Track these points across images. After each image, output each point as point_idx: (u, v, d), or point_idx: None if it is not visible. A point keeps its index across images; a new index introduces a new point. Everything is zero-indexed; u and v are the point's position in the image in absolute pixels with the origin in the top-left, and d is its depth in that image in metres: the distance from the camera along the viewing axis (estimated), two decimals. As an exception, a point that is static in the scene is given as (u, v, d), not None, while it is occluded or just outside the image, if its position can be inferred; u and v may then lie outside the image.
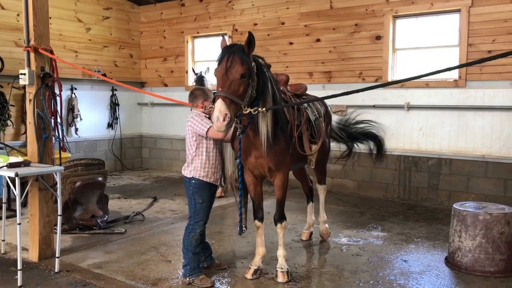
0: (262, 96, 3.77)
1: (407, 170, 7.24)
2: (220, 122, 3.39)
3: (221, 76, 3.54)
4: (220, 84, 3.54)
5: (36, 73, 4.46)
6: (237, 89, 3.52)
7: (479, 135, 6.65)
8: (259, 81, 3.74)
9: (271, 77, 3.94)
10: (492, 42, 6.46)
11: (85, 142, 9.38)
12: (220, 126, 3.41)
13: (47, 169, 4.29)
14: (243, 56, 3.56)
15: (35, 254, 4.56)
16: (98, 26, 9.68)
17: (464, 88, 6.72)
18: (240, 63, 3.52)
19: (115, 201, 7.14)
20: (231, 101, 3.46)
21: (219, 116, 3.38)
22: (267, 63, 3.95)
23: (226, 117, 3.39)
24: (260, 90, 3.75)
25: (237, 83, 3.51)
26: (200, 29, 9.52)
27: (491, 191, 6.55)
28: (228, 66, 3.51)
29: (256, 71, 3.72)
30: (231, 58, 3.53)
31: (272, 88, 3.88)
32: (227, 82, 3.50)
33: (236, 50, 3.57)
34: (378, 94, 7.38)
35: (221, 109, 3.39)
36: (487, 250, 4.27)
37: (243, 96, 3.56)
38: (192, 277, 3.96)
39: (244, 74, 3.52)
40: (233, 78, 3.50)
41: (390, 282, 4.13)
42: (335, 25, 7.78)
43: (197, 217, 4.01)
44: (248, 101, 3.62)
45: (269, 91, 3.82)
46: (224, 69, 3.52)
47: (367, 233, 5.59)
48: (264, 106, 3.73)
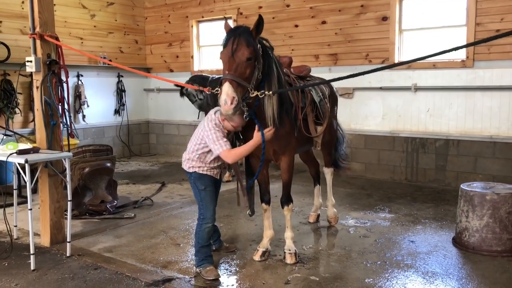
0: (268, 79, 3.75)
1: (414, 151, 7.23)
2: (228, 105, 3.38)
3: (227, 59, 3.51)
4: (226, 67, 3.51)
5: (42, 60, 4.47)
6: (244, 72, 3.50)
7: (487, 115, 6.60)
8: (264, 63, 3.72)
9: (276, 59, 3.92)
10: (500, 21, 6.37)
11: (93, 128, 9.44)
12: (228, 109, 3.40)
13: (56, 155, 4.33)
14: (249, 39, 3.52)
15: (46, 239, 4.64)
16: (103, 12, 9.65)
17: (471, 68, 6.65)
18: (246, 46, 3.49)
19: (123, 186, 7.21)
20: (238, 84, 3.44)
21: (227, 99, 3.37)
22: (271, 45, 3.93)
23: (233, 100, 3.38)
24: (265, 72, 3.73)
25: (244, 66, 3.49)
26: (204, 13, 9.46)
27: (499, 171, 6.53)
28: (234, 49, 3.48)
29: (262, 53, 3.70)
30: (237, 40, 3.49)
31: (277, 70, 3.86)
32: (233, 65, 3.47)
33: (242, 32, 3.54)
34: (385, 76, 7.33)
35: (229, 92, 3.38)
36: (494, 229, 4.28)
37: (249, 79, 3.54)
38: (200, 268, 3.92)
39: (250, 57, 3.50)
40: (239, 61, 3.48)
41: (398, 262, 4.17)
42: (341, 6, 7.70)
43: (204, 204, 3.94)
44: (254, 84, 3.61)
45: (274, 74, 3.80)
46: (230, 52, 3.49)
47: (374, 214, 5.62)
48: (270, 89, 3.72)
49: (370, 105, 7.51)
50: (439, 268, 4.03)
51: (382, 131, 7.50)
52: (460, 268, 4.07)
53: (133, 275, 3.90)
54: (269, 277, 3.87)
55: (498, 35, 2.77)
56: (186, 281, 3.82)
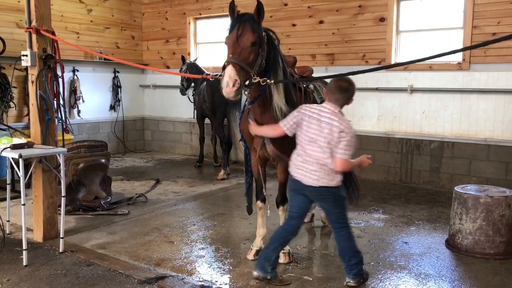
0: (274, 69, 3.78)
1: (409, 153, 7.25)
2: (230, 87, 3.40)
3: (232, 43, 3.56)
4: (230, 51, 3.56)
5: (38, 54, 4.45)
6: (248, 57, 3.53)
7: (482, 118, 6.63)
8: (269, 52, 3.75)
9: (281, 54, 3.94)
10: (497, 24, 6.39)
11: (88, 124, 9.40)
12: (230, 91, 3.42)
13: (51, 150, 4.31)
14: (254, 25, 3.58)
15: (39, 234, 4.62)
16: (100, 7, 9.60)
17: (468, 71, 6.67)
18: (251, 31, 3.54)
19: (118, 182, 7.18)
20: (241, 68, 3.47)
21: (229, 82, 3.39)
22: (278, 37, 3.95)
23: (236, 83, 3.40)
24: (271, 62, 3.76)
25: (248, 50, 3.53)
26: (202, 10, 9.43)
27: (493, 174, 6.56)
28: (239, 34, 3.53)
29: (267, 41, 3.73)
30: (242, 26, 3.55)
31: (283, 64, 3.89)
32: (237, 49, 3.52)
33: (247, 19, 3.59)
34: (381, 77, 7.34)
35: (231, 75, 3.40)
36: (487, 232, 4.30)
37: (252, 64, 3.57)
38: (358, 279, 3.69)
39: (254, 42, 3.54)
40: (243, 46, 3.52)
41: (391, 263, 4.18)
42: (339, 6, 7.70)
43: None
44: (257, 71, 3.63)
45: (280, 65, 3.83)
46: (235, 37, 3.54)
47: (369, 215, 5.63)
48: (275, 79, 3.74)
49: (366, 106, 7.52)
50: (432, 270, 4.04)
51: (377, 131, 7.51)
52: (453, 270, 4.09)
53: (126, 272, 3.89)
54: (262, 276, 3.86)
55: (496, 39, 2.78)
56: (179, 279, 3.81)
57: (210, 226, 5.18)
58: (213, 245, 4.60)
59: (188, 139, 9.92)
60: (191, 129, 9.75)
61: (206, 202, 6.24)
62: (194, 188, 6.99)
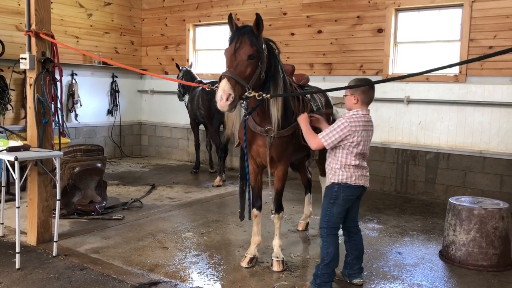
0: (274, 80, 3.79)
1: (404, 163, 7.27)
2: (223, 101, 3.42)
3: (230, 56, 3.59)
4: (228, 64, 3.59)
5: (37, 57, 4.46)
6: (244, 71, 3.54)
7: (478, 130, 6.67)
8: (270, 64, 3.76)
9: (281, 64, 3.96)
10: (493, 38, 6.45)
11: (85, 128, 9.40)
12: (223, 105, 3.44)
13: (47, 153, 4.31)
14: (253, 38, 3.58)
15: (33, 238, 4.61)
16: (100, 12, 9.64)
17: (464, 83, 6.72)
18: (250, 45, 3.55)
19: (113, 187, 7.17)
20: (236, 82, 3.49)
21: (222, 96, 3.42)
22: (278, 48, 3.96)
23: (229, 97, 3.42)
24: (271, 74, 3.77)
25: (245, 64, 3.54)
26: (202, 18, 9.49)
27: (487, 186, 6.59)
28: (237, 47, 3.55)
29: (268, 53, 3.74)
30: (240, 39, 3.56)
31: (283, 73, 3.91)
32: (234, 63, 3.54)
33: (247, 32, 3.60)
34: (378, 87, 7.24)
35: (225, 89, 3.42)
36: (481, 244, 4.31)
37: (249, 78, 3.58)
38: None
39: (252, 55, 3.55)
40: (240, 59, 3.54)
41: (384, 273, 4.18)
42: (337, 16, 7.76)
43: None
44: (255, 84, 3.63)
45: (281, 77, 3.84)
46: (232, 50, 3.57)
47: (363, 225, 5.63)
48: (275, 91, 3.76)
49: (362, 116, 7.53)
50: (425, 281, 4.05)
51: (373, 142, 7.40)
52: (446, 281, 4.10)
53: (119, 277, 3.88)
54: (255, 284, 3.87)
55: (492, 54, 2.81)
56: (172, 285, 3.80)
57: (204, 233, 5.18)
58: (207, 252, 4.59)
59: (185, 145, 9.93)
60: (188, 135, 9.76)
61: (201, 208, 6.23)
62: (189, 194, 6.99)
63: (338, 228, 3.72)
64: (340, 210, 3.66)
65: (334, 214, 3.65)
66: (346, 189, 3.62)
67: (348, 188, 3.62)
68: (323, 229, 3.69)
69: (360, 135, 3.56)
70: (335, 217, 3.66)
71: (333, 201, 3.65)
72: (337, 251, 3.69)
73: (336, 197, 3.64)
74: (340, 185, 3.61)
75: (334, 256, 3.65)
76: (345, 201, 3.65)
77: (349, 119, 3.56)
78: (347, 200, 3.66)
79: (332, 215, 3.65)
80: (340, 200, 3.63)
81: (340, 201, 3.63)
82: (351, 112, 3.62)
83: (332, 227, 3.66)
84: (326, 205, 3.71)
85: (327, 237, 3.66)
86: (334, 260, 3.66)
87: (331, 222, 3.66)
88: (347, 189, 3.62)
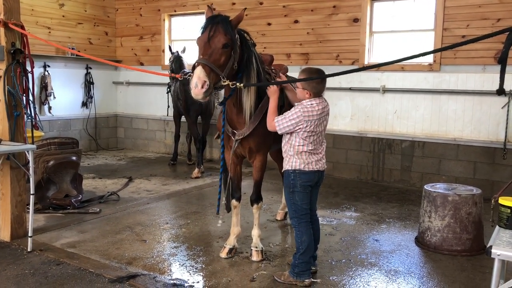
0: (246, 71, 3.78)
1: (381, 152, 7.37)
2: (198, 89, 3.40)
3: (203, 44, 3.55)
4: (201, 52, 3.55)
5: (6, 48, 4.33)
6: (218, 59, 3.52)
7: (452, 118, 6.79)
8: (242, 54, 3.74)
9: (257, 55, 3.93)
10: (466, 27, 6.56)
11: (59, 121, 9.21)
12: (198, 93, 3.41)
13: (19, 147, 4.21)
14: (227, 27, 3.56)
15: (7, 233, 4.51)
16: (72, 2, 9.41)
17: (438, 72, 6.83)
18: (224, 33, 3.53)
19: (89, 180, 7.07)
20: (211, 70, 3.47)
21: (198, 83, 3.39)
22: (252, 39, 3.94)
23: (204, 84, 3.40)
24: (244, 64, 3.76)
25: (219, 52, 3.52)
26: (177, 7, 9.36)
27: (461, 173, 6.73)
28: (211, 35, 3.52)
29: (240, 44, 3.72)
30: (214, 27, 3.53)
31: (257, 65, 3.88)
32: (208, 51, 3.51)
33: (221, 21, 3.58)
34: (354, 77, 7.43)
35: (200, 76, 3.39)
36: (455, 230, 4.41)
37: (223, 66, 3.56)
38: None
39: (226, 44, 3.53)
40: (214, 47, 3.51)
41: (362, 260, 4.24)
42: (313, 6, 7.76)
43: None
44: (228, 73, 3.61)
45: (254, 67, 3.82)
46: (206, 38, 3.53)
47: (341, 213, 5.70)
48: (248, 82, 3.74)
49: (339, 105, 7.60)
50: (402, 267, 4.12)
51: (350, 131, 7.61)
52: (422, 266, 4.18)
53: (96, 271, 3.83)
54: (235, 274, 3.87)
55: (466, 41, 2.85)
56: (151, 277, 3.78)
57: (183, 225, 5.15)
58: (186, 244, 4.58)
59: (162, 137, 9.84)
60: (165, 127, 9.67)
61: (180, 200, 6.20)
62: (167, 186, 6.94)
63: (308, 215, 3.73)
64: (302, 197, 3.68)
65: (298, 202, 3.67)
66: (302, 175, 3.63)
67: (303, 174, 3.63)
68: (293, 219, 3.72)
69: (313, 124, 3.57)
70: (300, 205, 3.68)
71: (292, 190, 3.67)
72: (311, 238, 3.72)
73: (293, 185, 3.66)
74: (295, 172, 3.64)
75: (309, 244, 3.67)
76: (304, 187, 3.67)
77: (302, 108, 3.57)
78: (305, 186, 3.67)
79: (296, 203, 3.68)
80: (298, 187, 3.65)
81: (298, 188, 3.65)
82: (306, 101, 3.62)
83: (301, 215, 3.68)
84: (287, 195, 3.75)
85: (299, 226, 3.69)
86: (309, 248, 3.69)
87: (298, 210, 3.68)
88: (302, 175, 3.63)
